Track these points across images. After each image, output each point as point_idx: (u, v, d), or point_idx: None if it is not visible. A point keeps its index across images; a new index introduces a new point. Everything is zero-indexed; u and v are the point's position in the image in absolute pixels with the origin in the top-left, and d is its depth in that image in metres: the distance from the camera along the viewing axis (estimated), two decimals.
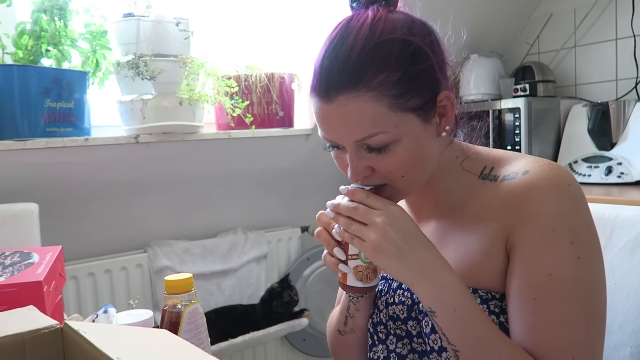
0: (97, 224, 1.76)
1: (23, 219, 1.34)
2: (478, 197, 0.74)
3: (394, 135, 0.67)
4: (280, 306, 1.86)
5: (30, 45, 1.43)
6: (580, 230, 0.66)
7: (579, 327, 0.64)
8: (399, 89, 0.65)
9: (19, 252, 0.88)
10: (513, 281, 0.68)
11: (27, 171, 1.52)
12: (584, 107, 2.01)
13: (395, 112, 0.66)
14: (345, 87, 0.65)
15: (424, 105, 0.68)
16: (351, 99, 0.65)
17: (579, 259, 0.65)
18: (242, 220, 2.06)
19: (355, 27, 0.67)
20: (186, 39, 1.61)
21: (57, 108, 1.45)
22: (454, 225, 0.76)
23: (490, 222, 0.71)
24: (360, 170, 0.70)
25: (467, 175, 0.76)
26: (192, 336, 0.71)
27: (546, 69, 2.16)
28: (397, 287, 0.81)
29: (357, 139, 0.67)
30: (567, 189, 0.67)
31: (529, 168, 0.70)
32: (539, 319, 0.65)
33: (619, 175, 1.84)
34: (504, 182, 0.72)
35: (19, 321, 0.49)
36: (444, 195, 0.78)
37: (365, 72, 0.65)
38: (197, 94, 1.62)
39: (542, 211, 0.66)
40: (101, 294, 1.71)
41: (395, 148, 0.67)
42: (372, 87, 0.64)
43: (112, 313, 0.83)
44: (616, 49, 2.08)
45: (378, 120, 0.66)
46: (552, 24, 2.26)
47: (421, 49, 0.67)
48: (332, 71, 0.66)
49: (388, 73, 0.65)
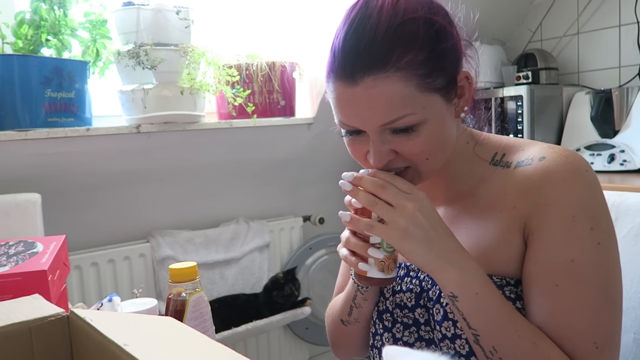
0: (100, 214, 1.76)
1: (26, 209, 1.34)
2: (489, 183, 0.73)
3: (422, 117, 0.65)
4: (279, 297, 1.87)
5: (30, 34, 1.42)
6: (599, 217, 0.66)
7: (599, 312, 0.65)
8: (426, 69, 0.64)
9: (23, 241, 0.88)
10: (532, 266, 0.67)
11: (29, 161, 1.52)
12: (587, 94, 2.00)
13: (423, 93, 0.64)
14: (372, 67, 0.63)
15: (447, 85, 0.67)
16: (379, 80, 0.63)
17: (599, 245, 0.65)
18: (244, 209, 2.06)
19: (376, 7, 0.64)
20: (187, 27, 1.60)
21: (58, 98, 1.44)
22: (465, 211, 0.75)
23: (505, 208, 0.70)
24: (384, 155, 0.68)
25: (478, 161, 0.76)
26: (197, 324, 0.71)
27: (549, 57, 2.15)
28: (405, 275, 0.80)
29: (385, 122, 0.65)
30: (584, 175, 0.68)
31: (544, 154, 0.69)
32: (560, 305, 0.65)
33: (622, 162, 1.83)
34: (519, 169, 0.71)
35: (25, 309, 0.49)
36: (455, 180, 0.77)
37: (393, 52, 0.62)
38: (198, 83, 1.61)
39: (562, 197, 0.66)
40: (104, 284, 1.72)
41: (421, 129, 0.66)
42: (400, 67, 0.63)
43: (116, 302, 0.83)
44: (619, 35, 2.06)
45: (407, 102, 0.64)
46: (555, 11, 2.24)
47: (444, 27, 0.66)
48: (357, 52, 0.63)
49: (416, 52, 0.63)
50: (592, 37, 2.15)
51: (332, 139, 2.14)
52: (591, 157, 1.91)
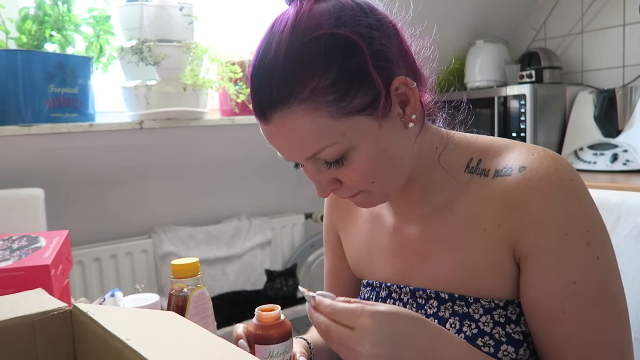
0: (102, 210, 1.77)
1: (29, 204, 1.34)
2: (467, 194, 0.67)
3: (345, 145, 0.60)
4: (270, 289, 1.89)
5: (33, 30, 1.42)
6: (593, 229, 0.61)
7: (611, 330, 0.62)
8: (336, 93, 0.57)
9: (26, 236, 0.89)
10: (532, 292, 0.63)
11: (32, 156, 1.52)
12: (590, 93, 2.00)
13: (339, 120, 0.58)
14: (276, 104, 0.58)
15: (373, 102, 0.59)
16: (286, 116, 0.58)
17: (599, 260, 0.61)
18: (246, 206, 2.07)
19: (277, 32, 0.59)
20: (190, 24, 1.60)
21: (61, 93, 1.45)
22: (443, 227, 0.68)
23: (488, 226, 0.64)
24: (325, 185, 0.64)
25: (450, 169, 0.68)
26: (198, 320, 0.71)
27: (552, 55, 2.14)
28: (387, 296, 0.75)
29: (306, 157, 0.61)
30: (570, 185, 0.61)
31: (524, 163, 0.63)
32: (572, 333, 0.61)
33: (625, 162, 1.83)
34: (498, 179, 0.64)
35: (28, 303, 0.50)
36: (427, 192, 0.70)
37: (293, 84, 0.57)
38: (201, 79, 1.61)
39: (549, 214, 0.60)
40: (107, 279, 1.72)
41: (351, 156, 0.61)
42: (303, 99, 0.57)
43: (119, 297, 0.84)
44: (624, 35, 2.05)
45: (321, 134, 0.58)
46: (559, 10, 2.23)
47: (353, 40, 0.58)
48: (260, 89, 0.60)
49: (319, 77, 0.57)
50: (596, 36, 2.14)
51: None
52: (594, 156, 1.91)
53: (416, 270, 0.71)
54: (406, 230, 0.73)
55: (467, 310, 0.65)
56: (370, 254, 0.78)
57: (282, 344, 0.65)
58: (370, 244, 0.79)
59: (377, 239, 0.77)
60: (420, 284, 0.70)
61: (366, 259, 0.80)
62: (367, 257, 0.79)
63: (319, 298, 0.59)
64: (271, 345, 0.65)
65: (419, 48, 0.67)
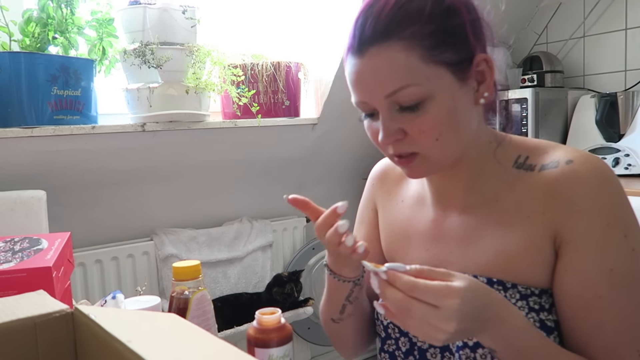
0: (104, 212, 1.77)
1: (31, 205, 1.34)
2: (512, 187, 0.70)
3: (426, 89, 0.64)
4: (279, 294, 1.87)
5: (37, 32, 1.43)
6: (630, 222, 0.66)
7: (639, 320, 0.65)
8: (432, 41, 0.64)
9: (28, 238, 0.89)
10: (569, 278, 0.66)
11: (34, 158, 1.53)
12: (592, 97, 2.00)
13: (427, 64, 0.64)
14: (376, 39, 0.64)
15: (459, 63, 0.65)
16: (382, 50, 0.64)
17: (633, 251, 0.64)
18: (247, 209, 2.07)
19: None
20: (192, 27, 1.61)
21: (64, 96, 1.45)
22: (488, 217, 0.72)
23: (533, 213, 0.68)
24: (392, 132, 0.66)
25: (500, 163, 0.73)
26: (199, 322, 0.71)
27: (554, 59, 2.14)
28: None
29: (388, 92, 0.65)
30: (613, 180, 0.66)
31: (571, 157, 0.68)
32: (606, 317, 0.64)
33: (627, 166, 1.82)
34: (544, 172, 0.69)
35: (30, 305, 0.50)
36: (475, 182, 0.73)
37: (397, 24, 0.64)
38: (203, 82, 1.62)
39: (594, 203, 0.64)
40: (108, 281, 1.72)
41: (428, 105, 0.64)
42: (403, 37, 0.63)
43: (120, 299, 0.84)
44: (626, 39, 2.05)
45: (409, 71, 0.63)
46: (561, 13, 2.24)
47: (454, 5, 0.65)
48: (364, 26, 0.65)
49: (421, 25, 0.64)
50: (598, 40, 2.14)
51: (336, 139, 2.15)
52: None
53: (455, 256, 0.74)
54: (448, 218, 0.76)
55: (504, 295, 0.68)
56: (408, 238, 0.81)
57: (282, 347, 0.66)
58: (408, 228, 0.81)
59: (417, 224, 0.80)
60: (458, 269, 0.70)
61: (403, 243, 0.82)
62: (404, 240, 0.82)
63: (397, 273, 0.57)
64: (271, 348, 0.65)
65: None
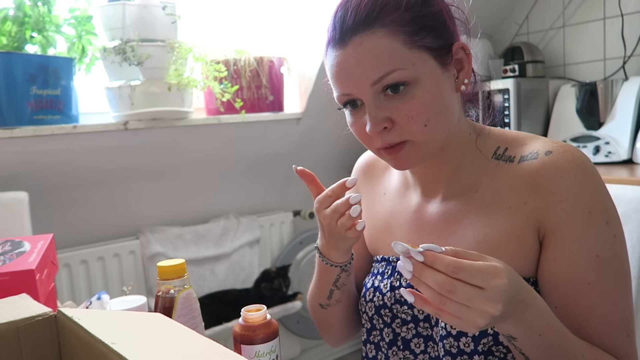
0: (89, 212, 1.75)
1: (13, 207, 1.33)
2: (492, 177, 0.72)
3: (412, 74, 0.65)
4: (267, 289, 1.88)
5: (14, 31, 1.41)
6: (610, 210, 0.68)
7: (625, 303, 0.67)
8: (412, 27, 0.66)
9: (10, 241, 0.88)
10: (558, 266, 0.67)
11: (15, 159, 1.51)
12: (573, 87, 2.02)
13: (410, 49, 0.65)
14: (358, 27, 0.66)
15: (440, 48, 0.68)
16: (365, 37, 0.65)
17: (615, 237, 0.67)
18: (234, 205, 2.06)
19: None
20: (173, 23, 1.59)
21: (43, 95, 1.43)
22: (469, 206, 0.73)
23: (514, 204, 0.69)
24: (379, 121, 0.67)
25: (480, 154, 0.74)
26: (186, 321, 0.71)
27: (535, 50, 2.16)
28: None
29: (374, 79, 0.66)
30: (592, 170, 0.68)
31: (550, 148, 0.69)
32: (596, 302, 0.66)
33: (607, 154, 1.85)
34: (524, 163, 0.70)
35: (13, 309, 0.49)
36: (457, 172, 0.75)
37: (378, 12, 0.65)
38: (185, 79, 1.60)
39: (576, 193, 0.66)
40: (94, 281, 1.71)
41: (414, 90, 0.66)
42: (385, 24, 0.65)
43: (105, 300, 0.83)
44: (604, 28, 2.08)
45: (394, 56, 0.65)
46: (541, 4, 2.25)
47: None
48: (345, 18, 0.67)
49: (400, 12, 0.66)
50: (577, 30, 2.16)
51: (321, 133, 2.15)
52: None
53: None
54: (430, 209, 0.77)
55: None
56: (389, 230, 0.82)
57: (268, 344, 0.66)
58: (390, 220, 0.82)
59: (399, 216, 0.81)
60: None
61: (384, 235, 0.83)
62: (385, 233, 0.83)
63: (437, 254, 0.53)
64: (257, 345, 0.65)
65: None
